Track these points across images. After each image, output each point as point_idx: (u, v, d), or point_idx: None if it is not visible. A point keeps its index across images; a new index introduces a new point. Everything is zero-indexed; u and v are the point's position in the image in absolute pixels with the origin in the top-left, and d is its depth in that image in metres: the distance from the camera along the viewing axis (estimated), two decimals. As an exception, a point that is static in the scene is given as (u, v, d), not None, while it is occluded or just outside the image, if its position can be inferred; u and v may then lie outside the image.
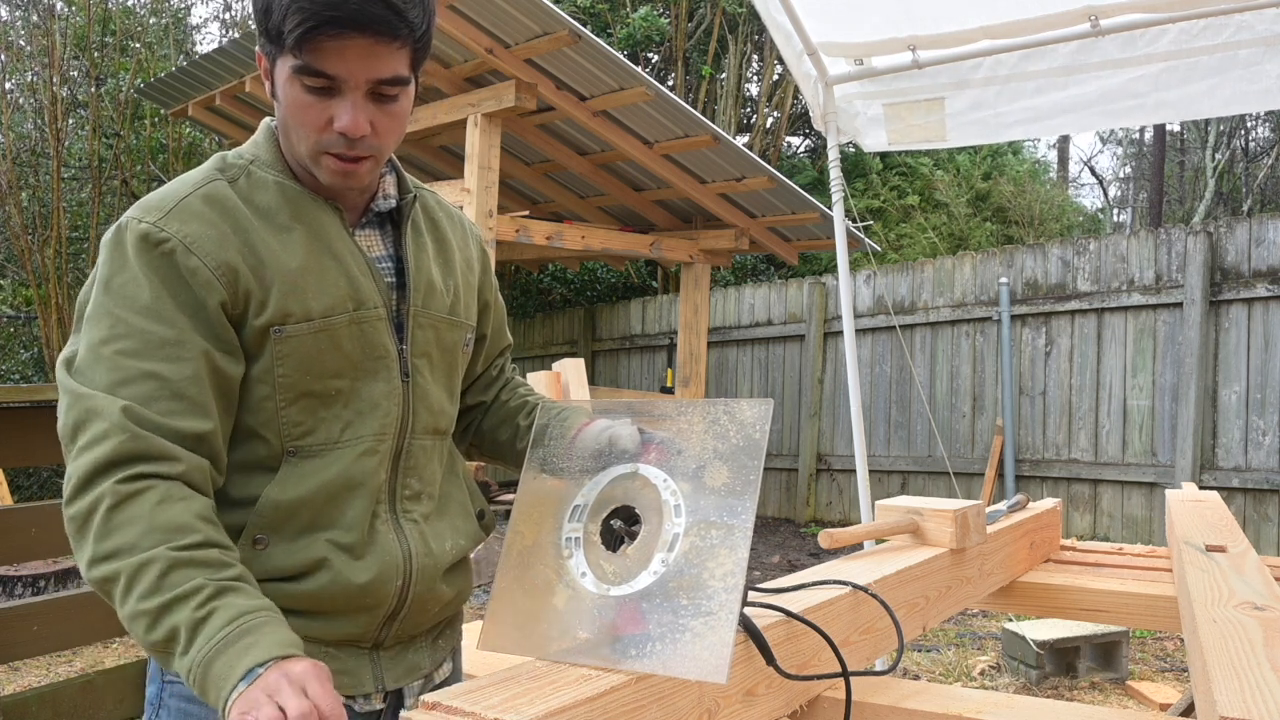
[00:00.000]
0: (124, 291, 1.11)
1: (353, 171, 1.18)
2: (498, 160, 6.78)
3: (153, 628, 0.98)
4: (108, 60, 10.85)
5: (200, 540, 1.02)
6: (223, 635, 0.95)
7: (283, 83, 1.15)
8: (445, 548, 1.29)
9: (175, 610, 0.98)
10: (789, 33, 3.70)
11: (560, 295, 12.50)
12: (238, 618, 0.97)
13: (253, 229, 1.16)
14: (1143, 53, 3.27)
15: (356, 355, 1.20)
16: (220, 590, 0.99)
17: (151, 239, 1.12)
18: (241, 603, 0.99)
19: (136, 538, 1.00)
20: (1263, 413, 6.38)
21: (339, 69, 1.11)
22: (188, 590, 0.98)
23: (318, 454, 1.18)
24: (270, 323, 1.15)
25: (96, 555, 1.01)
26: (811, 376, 8.95)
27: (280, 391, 1.16)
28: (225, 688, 0.93)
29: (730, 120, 12.21)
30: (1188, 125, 17.77)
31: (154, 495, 1.03)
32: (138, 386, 1.07)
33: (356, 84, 1.13)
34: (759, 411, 1.09)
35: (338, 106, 1.14)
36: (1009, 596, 2.16)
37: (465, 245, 1.41)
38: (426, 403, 1.28)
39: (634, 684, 0.97)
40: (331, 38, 1.09)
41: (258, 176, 1.20)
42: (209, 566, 1.01)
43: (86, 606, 2.90)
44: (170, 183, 1.20)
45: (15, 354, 11.15)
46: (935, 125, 3.70)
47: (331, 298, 1.18)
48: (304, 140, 1.16)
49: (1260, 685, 0.99)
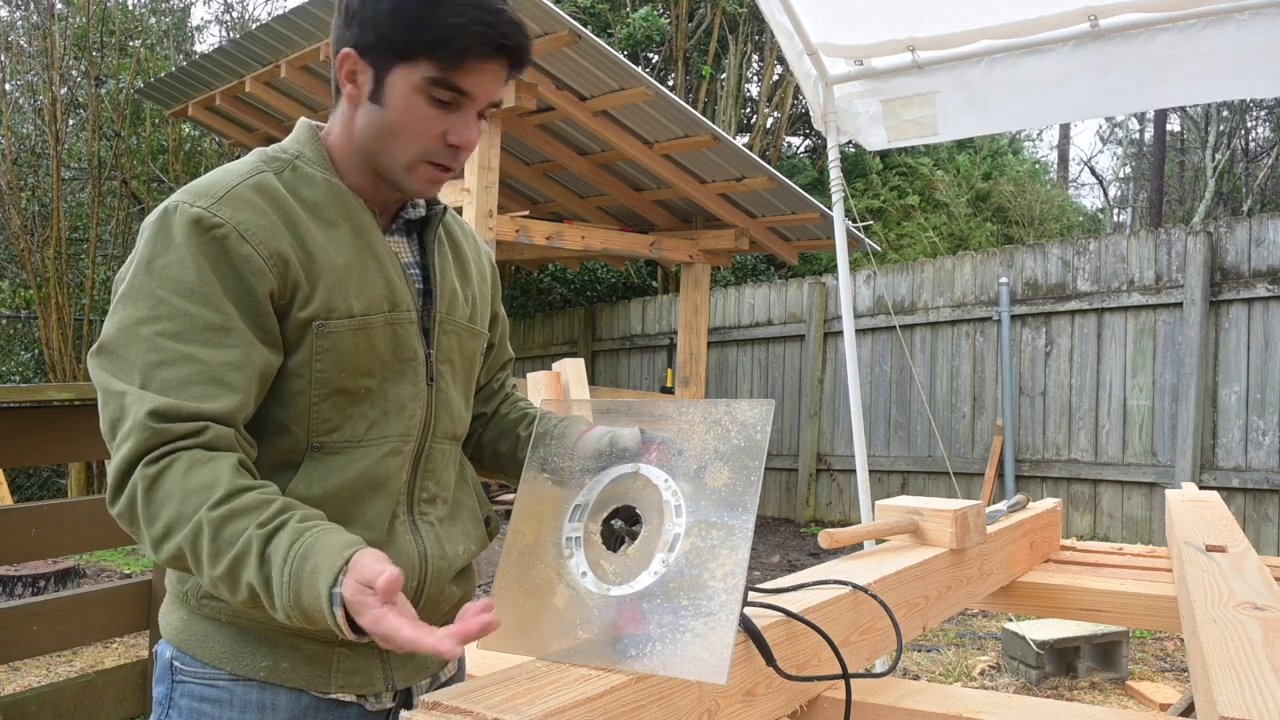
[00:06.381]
0: (168, 273, 1.10)
1: (441, 182, 1.23)
2: (498, 160, 6.78)
3: (235, 591, 1.02)
4: (108, 61, 10.85)
5: (228, 490, 1.03)
6: (288, 575, 0.98)
7: (404, 90, 1.16)
8: (458, 551, 1.30)
9: (242, 571, 1.00)
10: (790, 32, 3.71)
11: (560, 295, 12.50)
12: (288, 553, 0.99)
13: (301, 222, 1.17)
14: (1138, 53, 3.28)
15: (388, 356, 1.21)
16: (268, 536, 1.01)
17: (205, 223, 1.11)
18: (285, 538, 1.01)
19: (177, 509, 1.03)
20: (1263, 413, 6.38)
21: (476, 89, 1.16)
22: (242, 548, 1.00)
23: (341, 451, 1.19)
24: (314, 316, 1.15)
25: (154, 539, 1.04)
26: (811, 376, 8.95)
27: (315, 386, 1.17)
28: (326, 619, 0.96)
29: (730, 120, 12.20)
30: (1188, 125, 17.78)
31: (180, 466, 1.04)
32: (174, 369, 1.07)
33: (480, 103, 1.18)
34: (760, 412, 1.10)
35: (456, 121, 1.18)
36: (1009, 596, 2.16)
37: (479, 259, 1.44)
38: (448, 408, 1.29)
39: (634, 684, 0.98)
40: (484, 59, 1.15)
41: (304, 171, 1.21)
42: (249, 512, 1.02)
43: (86, 606, 2.91)
44: (215, 171, 1.20)
45: (15, 354, 11.16)
46: (928, 120, 3.71)
47: (371, 297, 1.20)
48: (410, 148, 1.18)
49: (1260, 685, 0.99)
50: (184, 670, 1.20)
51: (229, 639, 1.17)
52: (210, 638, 1.18)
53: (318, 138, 1.25)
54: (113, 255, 10.31)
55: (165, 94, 8.95)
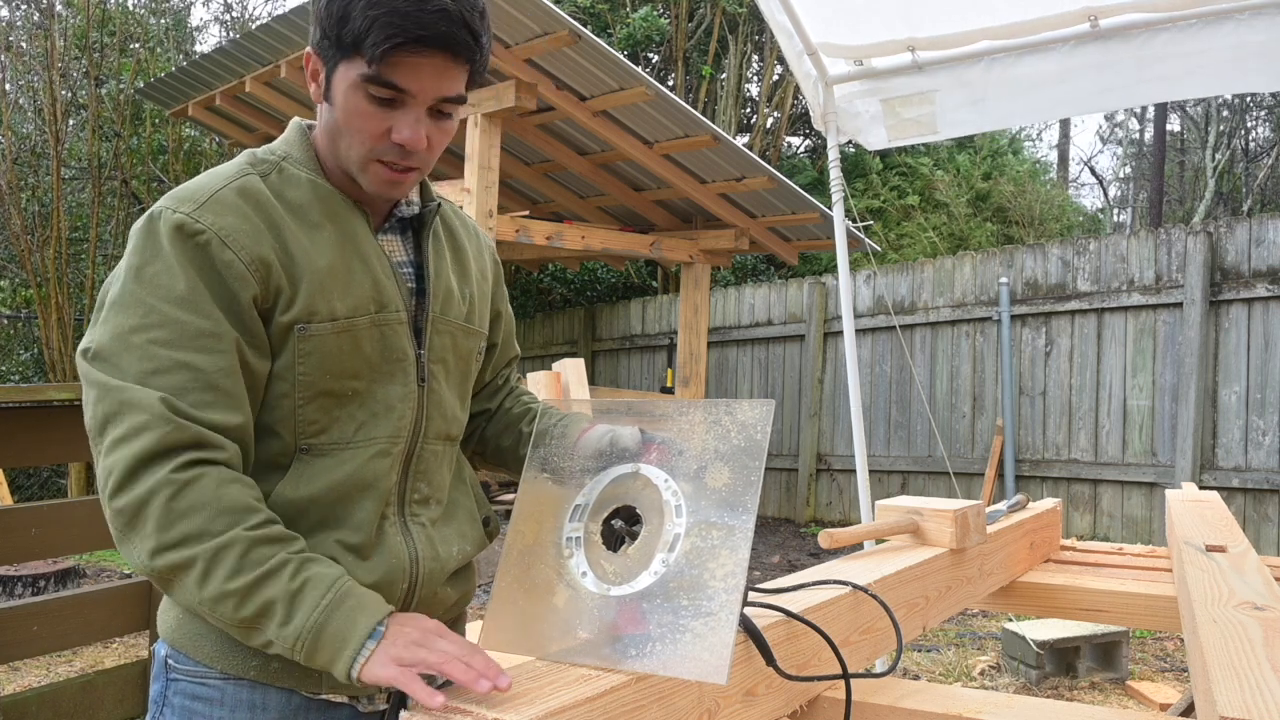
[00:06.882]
0: (157, 281, 1.10)
1: (400, 181, 1.20)
2: (498, 160, 6.78)
3: (243, 605, 1.02)
4: (108, 61, 10.85)
5: (266, 518, 1.07)
6: (327, 601, 1.02)
7: (344, 88, 1.15)
8: (452, 552, 1.29)
9: (267, 586, 1.02)
10: (790, 32, 3.71)
11: (560, 295, 12.50)
12: (332, 585, 1.03)
13: (284, 225, 1.17)
14: (1137, 51, 3.28)
15: (375, 357, 1.21)
16: (305, 562, 1.04)
17: (187, 230, 1.11)
18: (327, 571, 1.05)
19: (206, 523, 1.03)
20: (1263, 413, 6.38)
21: (411, 84, 1.13)
22: (274, 566, 1.03)
23: (329, 453, 1.19)
24: (296, 320, 1.15)
25: (163, 544, 1.03)
26: (811, 376, 8.95)
27: (299, 389, 1.17)
28: (348, 648, 0.99)
29: (730, 120, 12.20)
30: (1188, 125, 17.78)
31: (211, 480, 1.05)
32: (171, 377, 1.07)
33: (424, 100, 1.15)
34: (760, 412, 1.10)
35: (399, 118, 1.15)
36: (1009, 596, 2.16)
37: (480, 256, 1.43)
38: (440, 408, 1.29)
39: (634, 684, 0.98)
40: (412, 54, 1.11)
41: (290, 173, 1.21)
42: (284, 542, 1.06)
43: (86, 606, 2.90)
44: (202, 175, 1.20)
45: (15, 354, 11.16)
46: (927, 118, 3.71)
47: (356, 299, 1.19)
48: (357, 147, 1.17)
49: (1260, 685, 0.99)
50: (177, 669, 1.20)
51: (220, 638, 1.17)
52: (203, 636, 1.18)
53: (308, 138, 1.25)
54: (113, 255, 10.30)
55: (165, 94, 8.96)
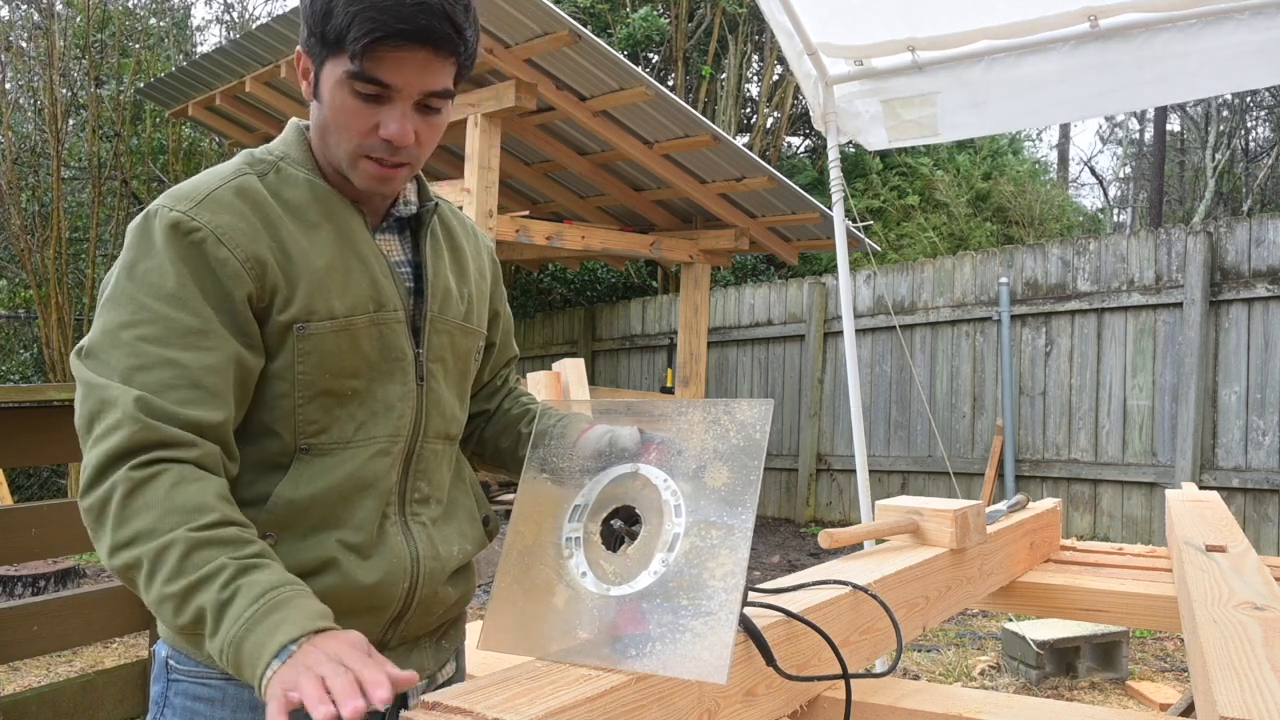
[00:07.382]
0: (149, 278, 1.11)
1: (390, 177, 1.19)
2: (498, 160, 6.78)
3: (180, 611, 0.99)
4: (108, 61, 10.85)
5: (218, 519, 1.02)
6: (250, 613, 0.95)
7: (331, 85, 1.15)
8: (452, 552, 1.29)
9: (200, 592, 0.98)
10: (789, 32, 3.71)
11: (560, 295, 12.50)
12: (263, 595, 0.97)
13: (282, 224, 1.17)
14: (1138, 52, 3.28)
15: (374, 356, 1.21)
16: (243, 569, 0.99)
17: (182, 228, 1.12)
18: (265, 579, 0.99)
19: (154, 522, 1.01)
20: (1263, 413, 6.38)
21: (395, 79, 1.13)
22: (210, 571, 0.98)
23: (329, 452, 1.18)
24: (294, 319, 1.15)
25: (116, 543, 1.02)
26: (811, 376, 8.95)
27: (299, 389, 1.17)
28: (259, 666, 0.92)
29: (730, 120, 12.20)
30: (1188, 125, 17.78)
31: (168, 478, 1.03)
32: (155, 373, 1.07)
33: (409, 94, 1.15)
34: (759, 412, 1.09)
35: (386, 114, 1.15)
36: (1009, 596, 2.16)
37: (478, 255, 1.43)
38: (439, 407, 1.29)
39: (634, 684, 0.97)
40: (394, 48, 1.11)
41: (287, 173, 1.21)
42: (229, 545, 1.01)
43: (86, 606, 2.90)
44: (200, 174, 1.20)
45: (15, 354, 11.16)
46: (928, 121, 3.71)
47: (354, 298, 1.19)
48: (345, 143, 1.17)
49: (1260, 685, 0.99)
50: (178, 669, 1.20)
51: None
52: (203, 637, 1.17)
53: (305, 138, 1.25)
54: (112, 255, 10.30)
55: (165, 94, 8.96)
